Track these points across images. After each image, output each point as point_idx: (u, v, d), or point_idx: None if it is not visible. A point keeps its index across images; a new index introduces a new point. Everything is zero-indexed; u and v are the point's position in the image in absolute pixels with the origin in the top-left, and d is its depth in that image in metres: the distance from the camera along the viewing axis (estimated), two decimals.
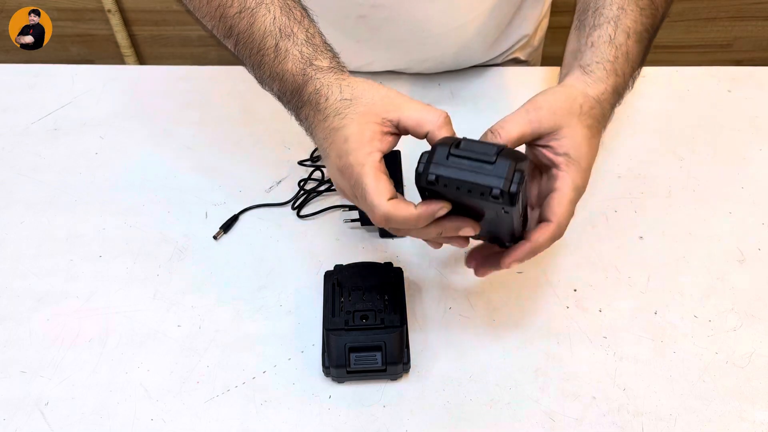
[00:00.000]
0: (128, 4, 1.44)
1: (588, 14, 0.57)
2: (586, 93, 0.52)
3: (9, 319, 0.63)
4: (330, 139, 0.50)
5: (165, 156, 0.77)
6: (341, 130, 0.49)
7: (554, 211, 0.49)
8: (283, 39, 0.53)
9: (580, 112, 0.51)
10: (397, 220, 0.47)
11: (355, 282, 0.60)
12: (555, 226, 0.49)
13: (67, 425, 0.56)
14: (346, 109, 0.50)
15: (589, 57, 0.54)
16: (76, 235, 0.69)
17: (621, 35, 0.55)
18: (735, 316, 0.62)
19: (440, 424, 0.56)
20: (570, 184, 0.49)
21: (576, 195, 0.50)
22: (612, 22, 0.55)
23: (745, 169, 0.75)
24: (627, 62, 0.55)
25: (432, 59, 0.84)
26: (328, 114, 0.51)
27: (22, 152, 0.78)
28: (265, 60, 0.54)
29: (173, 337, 0.61)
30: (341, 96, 0.51)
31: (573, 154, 0.50)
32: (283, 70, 0.53)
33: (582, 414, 0.56)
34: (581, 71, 0.54)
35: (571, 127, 0.50)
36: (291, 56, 0.53)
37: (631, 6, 0.56)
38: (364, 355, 0.56)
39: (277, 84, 0.54)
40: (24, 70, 0.88)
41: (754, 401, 0.57)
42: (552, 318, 0.62)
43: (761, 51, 1.51)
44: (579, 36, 0.57)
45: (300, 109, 0.53)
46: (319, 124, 0.52)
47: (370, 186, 0.47)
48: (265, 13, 0.54)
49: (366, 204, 0.48)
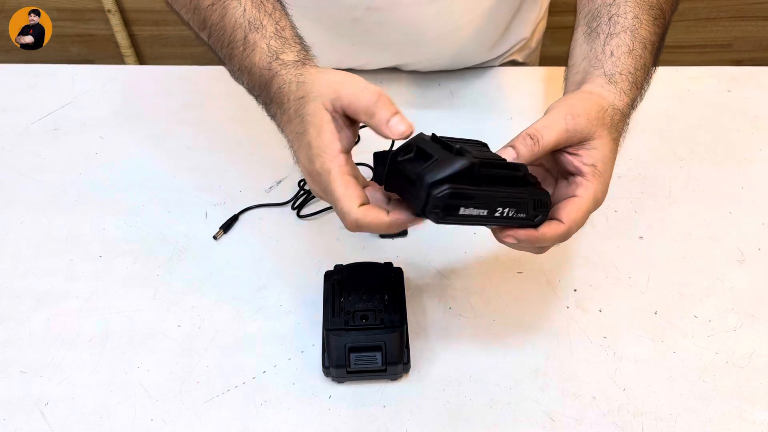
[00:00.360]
0: (128, 4, 1.44)
1: (601, 21, 0.56)
2: (614, 104, 0.52)
3: (9, 319, 0.63)
4: (297, 143, 0.49)
5: (165, 156, 0.77)
6: (304, 135, 0.48)
7: (569, 216, 0.48)
8: (252, 31, 0.52)
9: (610, 124, 0.50)
10: (369, 226, 0.46)
11: (355, 282, 0.60)
12: (566, 228, 0.48)
13: (67, 425, 0.56)
14: (303, 108, 0.49)
15: (611, 67, 0.54)
16: (76, 235, 0.69)
17: (639, 46, 0.55)
18: (735, 316, 0.62)
19: (440, 424, 0.56)
20: (591, 194, 0.49)
21: (594, 206, 0.49)
22: (629, 32, 0.55)
23: (745, 169, 0.75)
24: (645, 74, 0.55)
25: (427, 61, 0.84)
26: (291, 116, 0.50)
27: (22, 152, 0.78)
28: (235, 53, 0.53)
29: (173, 337, 0.61)
30: (296, 95, 0.49)
31: (600, 166, 0.49)
32: (251, 63, 0.52)
33: (582, 414, 0.56)
34: (606, 80, 0.53)
35: (602, 139, 0.50)
36: (258, 49, 0.52)
37: (645, 16, 0.56)
38: (364, 355, 0.56)
39: (246, 77, 0.53)
40: (24, 70, 0.88)
41: (754, 401, 0.57)
42: (552, 318, 0.62)
43: (761, 51, 1.51)
44: (592, 43, 0.56)
45: (269, 105, 0.53)
46: (286, 126, 0.51)
47: (339, 193, 0.46)
48: (236, 5, 0.53)
49: (337, 210, 0.47)
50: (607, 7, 0.57)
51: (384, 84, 0.84)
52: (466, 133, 0.49)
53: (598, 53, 0.55)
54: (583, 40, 0.58)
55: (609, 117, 0.51)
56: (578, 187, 0.49)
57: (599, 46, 0.55)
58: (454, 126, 0.79)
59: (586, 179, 0.49)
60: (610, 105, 0.51)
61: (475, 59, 0.86)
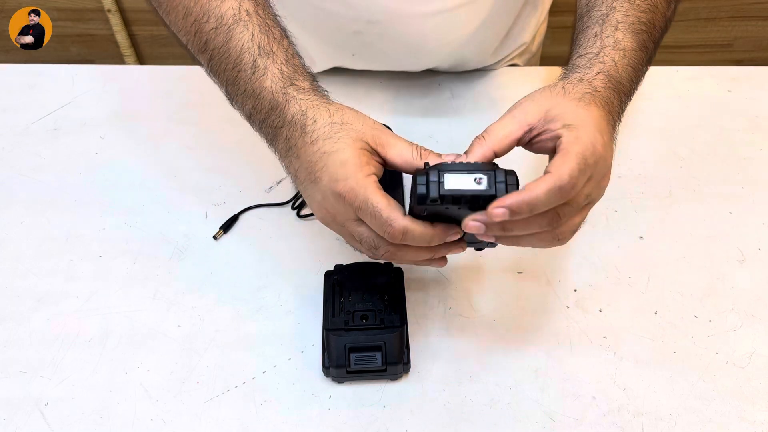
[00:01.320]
0: (128, 4, 1.45)
1: (582, 21, 0.57)
2: (565, 78, 0.51)
3: (9, 319, 0.63)
4: (322, 163, 0.49)
5: (165, 156, 0.77)
6: (336, 154, 0.48)
7: (554, 165, 0.44)
8: (262, 56, 0.52)
9: (564, 93, 0.49)
10: (415, 234, 0.47)
11: (355, 282, 0.60)
12: (555, 178, 0.43)
13: (67, 425, 0.56)
14: (337, 133, 0.49)
15: (573, 58, 0.54)
16: (76, 235, 0.69)
17: (608, 29, 0.54)
18: (735, 316, 0.62)
19: (440, 424, 0.56)
20: (572, 140, 0.45)
21: (581, 148, 0.45)
22: (600, 20, 0.55)
23: (745, 169, 0.75)
24: (616, 50, 0.52)
25: (425, 67, 0.84)
26: (317, 137, 0.50)
27: (22, 152, 0.78)
28: (241, 76, 0.52)
29: (173, 337, 0.61)
30: (331, 120, 0.50)
31: (571, 121, 0.47)
32: (260, 87, 0.52)
33: (582, 414, 0.56)
34: (563, 71, 0.53)
35: (560, 105, 0.48)
36: (270, 74, 0.52)
37: (622, 3, 0.55)
38: (364, 355, 0.56)
39: (252, 101, 0.53)
40: (24, 70, 0.88)
41: (754, 401, 0.57)
42: (552, 318, 0.62)
43: (761, 51, 1.52)
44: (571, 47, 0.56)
45: (279, 129, 0.52)
46: (306, 147, 0.50)
47: (383, 203, 0.47)
48: (242, 30, 0.53)
49: (380, 221, 0.47)
50: (587, 3, 0.57)
51: (384, 85, 0.84)
52: (466, 133, 0.49)
53: (571, 56, 0.55)
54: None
55: (560, 88, 0.49)
56: (559, 145, 0.46)
57: (573, 49, 0.55)
58: (454, 127, 0.80)
59: (564, 136, 0.46)
60: (559, 81, 0.50)
61: (476, 65, 0.86)
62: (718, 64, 0.89)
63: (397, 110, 0.82)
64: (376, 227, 0.48)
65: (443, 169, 0.45)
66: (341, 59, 0.78)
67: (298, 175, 0.52)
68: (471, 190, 0.44)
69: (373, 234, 0.50)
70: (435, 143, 0.77)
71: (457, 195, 0.44)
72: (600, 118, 0.48)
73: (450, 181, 0.44)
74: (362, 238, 0.50)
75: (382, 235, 0.49)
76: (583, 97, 0.49)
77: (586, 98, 0.49)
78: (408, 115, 0.81)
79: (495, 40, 0.83)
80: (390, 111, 0.82)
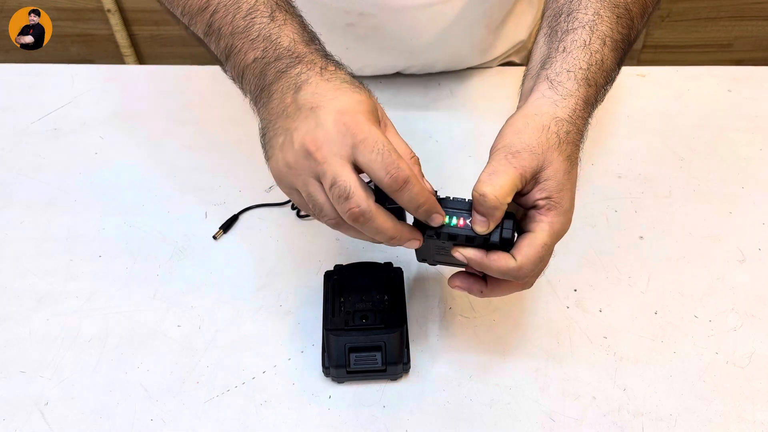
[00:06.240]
0: (128, 4, 1.45)
1: (561, 19, 0.54)
2: (556, 116, 0.49)
3: (9, 319, 0.63)
4: (334, 94, 0.47)
5: (165, 156, 0.77)
6: (356, 93, 0.47)
7: (521, 251, 0.47)
8: (281, 11, 0.51)
9: (558, 143, 0.48)
10: (384, 224, 0.46)
11: (355, 282, 0.60)
12: (516, 267, 0.47)
13: (67, 425, 0.56)
14: (359, 85, 0.48)
15: (559, 65, 0.51)
16: (76, 235, 0.69)
17: (597, 41, 0.52)
18: (735, 316, 0.62)
19: (440, 424, 0.56)
20: (547, 228, 0.47)
21: (553, 239, 0.48)
22: (587, 26, 0.53)
23: (745, 169, 0.75)
24: (601, 71, 0.52)
25: (421, 64, 0.84)
26: (336, 78, 0.48)
27: (22, 152, 0.78)
28: (257, 22, 0.50)
29: (173, 337, 0.61)
30: (350, 76, 0.49)
31: (555, 196, 0.47)
32: (279, 33, 0.50)
33: (582, 414, 0.56)
34: (548, 85, 0.50)
35: (553, 165, 0.47)
36: (291, 25, 0.51)
37: (608, 13, 0.53)
38: (364, 355, 0.56)
39: (264, 44, 0.50)
40: (24, 70, 0.88)
41: (754, 401, 0.57)
42: (552, 318, 0.62)
43: (761, 51, 1.52)
44: (550, 42, 0.54)
45: (290, 68, 0.49)
46: (321, 81, 0.48)
47: (397, 139, 0.49)
48: None
49: (390, 158, 0.44)
50: (567, 4, 0.55)
51: (384, 84, 0.84)
52: (467, 134, 0.49)
53: (552, 51, 0.53)
54: (543, 42, 0.56)
55: (554, 135, 0.48)
56: (531, 222, 0.48)
57: (555, 44, 0.53)
58: (454, 126, 0.80)
59: (540, 213, 0.47)
60: (552, 119, 0.49)
61: (472, 62, 0.86)
62: (718, 64, 0.89)
63: (397, 109, 0.82)
64: (386, 159, 0.44)
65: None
66: (335, 54, 0.78)
67: (286, 108, 0.48)
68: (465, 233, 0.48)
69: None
70: (435, 143, 0.77)
71: (453, 234, 0.48)
72: (575, 178, 0.50)
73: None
74: (317, 196, 0.47)
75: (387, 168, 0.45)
76: (571, 155, 0.49)
77: (573, 156, 0.49)
78: (408, 114, 0.81)
79: (488, 35, 0.83)
80: (389, 110, 0.81)
